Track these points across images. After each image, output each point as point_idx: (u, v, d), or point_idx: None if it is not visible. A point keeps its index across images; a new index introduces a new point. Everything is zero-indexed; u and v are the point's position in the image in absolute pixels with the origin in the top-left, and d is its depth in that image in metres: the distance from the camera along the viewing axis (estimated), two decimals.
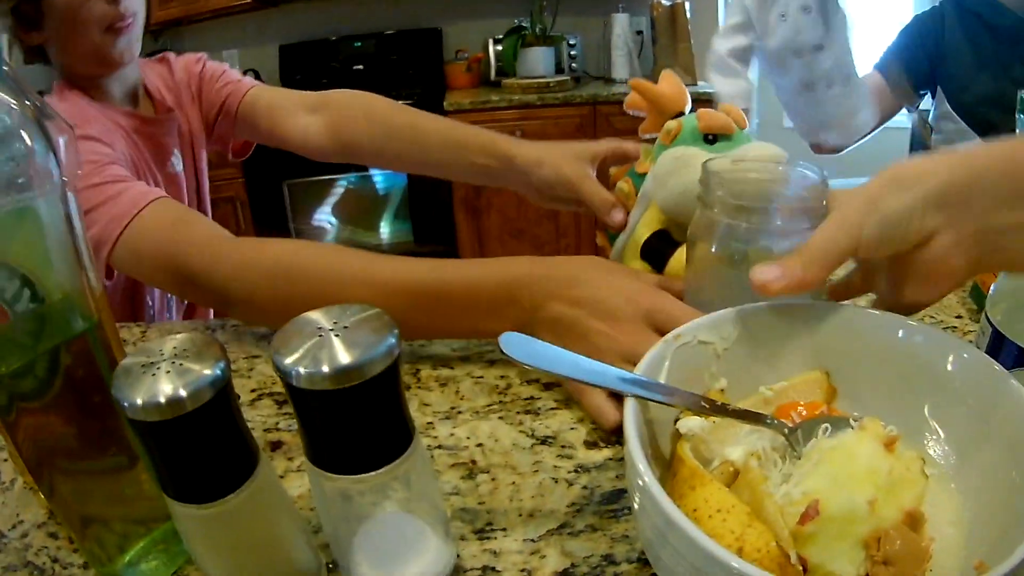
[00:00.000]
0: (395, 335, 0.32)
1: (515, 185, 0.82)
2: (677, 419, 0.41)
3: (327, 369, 0.30)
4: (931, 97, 1.25)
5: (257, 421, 0.56)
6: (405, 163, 0.97)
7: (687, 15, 2.70)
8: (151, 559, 0.42)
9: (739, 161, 0.53)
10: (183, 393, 0.30)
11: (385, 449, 0.34)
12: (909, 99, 1.26)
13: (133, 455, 0.40)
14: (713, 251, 0.50)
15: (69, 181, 0.35)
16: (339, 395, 0.30)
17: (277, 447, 0.54)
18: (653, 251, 0.64)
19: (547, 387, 0.59)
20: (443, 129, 0.88)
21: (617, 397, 0.49)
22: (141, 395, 0.30)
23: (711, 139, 0.61)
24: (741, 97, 1.06)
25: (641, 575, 0.40)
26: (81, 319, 0.37)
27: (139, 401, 0.30)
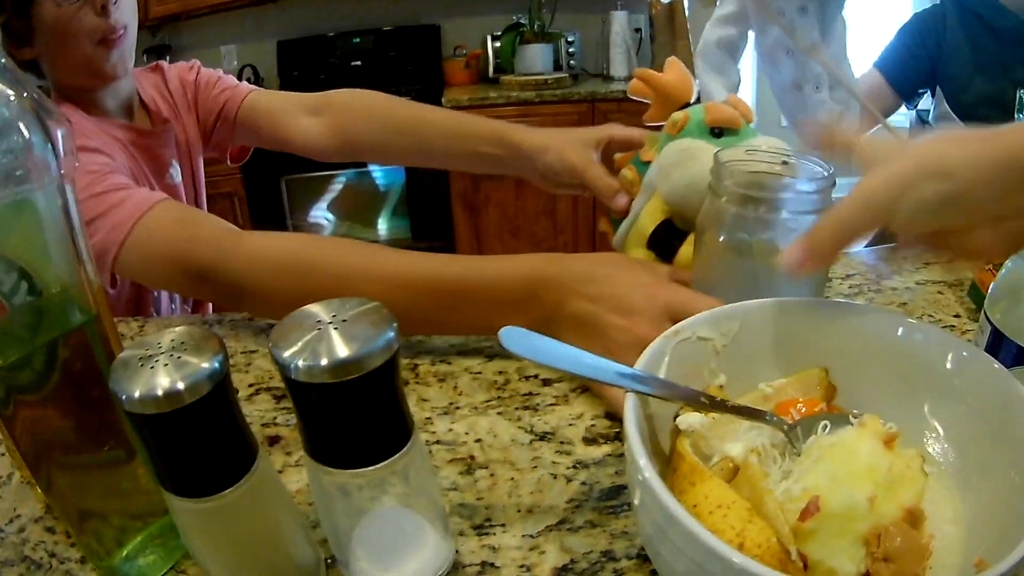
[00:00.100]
0: (394, 328, 0.32)
1: (521, 172, 0.83)
2: (677, 415, 0.41)
3: (326, 362, 0.29)
4: (930, 96, 1.25)
5: (255, 416, 0.56)
6: (411, 157, 0.97)
7: (685, 13, 2.69)
8: (148, 554, 0.42)
9: (750, 152, 0.53)
10: (181, 386, 0.30)
11: (384, 443, 0.34)
12: (908, 97, 1.26)
13: (131, 449, 0.40)
14: (721, 240, 0.50)
15: (67, 174, 0.35)
16: (338, 388, 0.30)
17: (275, 442, 0.53)
18: (660, 241, 0.64)
19: (546, 383, 0.59)
20: (447, 120, 0.88)
21: None
22: (139, 388, 0.29)
23: (717, 132, 0.61)
24: (725, 90, 1.06)
25: (640, 571, 0.40)
26: (79, 312, 0.37)
27: (136, 394, 0.29)
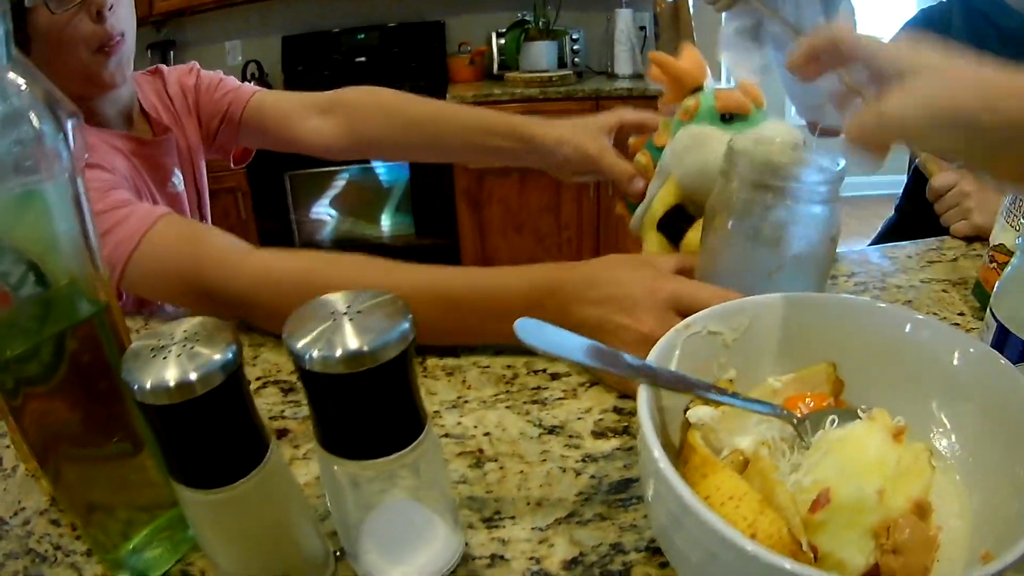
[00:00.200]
0: (409, 320, 0.32)
1: (536, 164, 0.83)
2: (687, 408, 0.41)
3: (340, 353, 0.29)
4: None
5: (262, 409, 0.56)
6: (424, 153, 0.97)
7: (690, 11, 2.68)
8: (155, 547, 0.42)
9: (764, 140, 0.53)
10: (193, 376, 0.29)
11: (396, 435, 0.34)
12: None
13: (138, 441, 0.40)
14: (730, 225, 0.51)
15: (77, 164, 0.35)
16: (351, 379, 0.30)
17: (283, 435, 0.53)
18: (669, 225, 0.65)
19: (554, 377, 0.59)
20: (460, 116, 0.88)
21: None
22: (150, 378, 0.29)
23: (728, 118, 0.62)
24: (754, 72, 1.05)
25: (650, 564, 0.40)
26: (88, 303, 0.37)
27: (148, 384, 0.29)
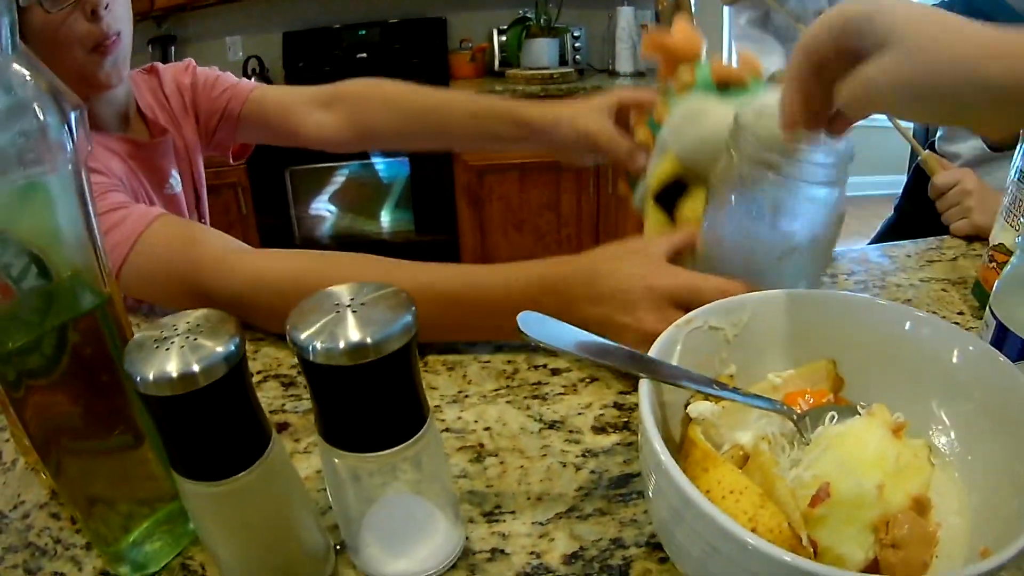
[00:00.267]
0: (412, 313, 0.32)
1: (537, 147, 0.84)
2: (687, 403, 0.41)
3: (343, 345, 0.30)
4: None
5: (262, 403, 0.56)
6: (427, 142, 0.97)
7: (692, 9, 2.68)
8: (155, 540, 0.42)
9: (765, 115, 0.53)
10: (196, 368, 0.29)
11: (398, 428, 0.34)
12: None
13: (139, 434, 0.40)
14: (733, 200, 0.50)
15: (81, 156, 0.35)
16: (354, 371, 0.30)
17: (283, 429, 0.53)
18: (667, 198, 0.64)
19: (554, 372, 0.59)
20: (462, 104, 0.88)
21: None
22: (153, 369, 0.29)
23: (725, 89, 0.60)
24: (772, 60, 1.04)
25: (649, 559, 0.40)
26: (90, 295, 0.37)
27: (151, 375, 0.29)
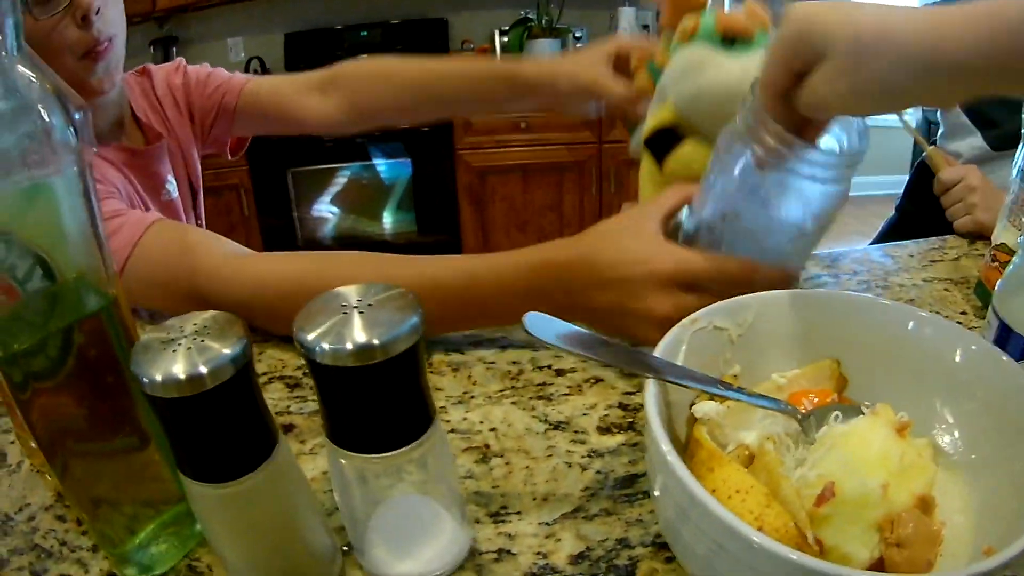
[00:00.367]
0: (419, 314, 0.32)
1: (538, 104, 0.84)
2: (693, 403, 0.41)
3: (351, 346, 0.30)
4: None
5: (268, 405, 0.56)
6: (428, 113, 0.99)
7: None
8: (161, 542, 0.42)
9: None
10: (203, 370, 0.29)
11: (404, 429, 0.34)
12: None
13: (144, 436, 0.40)
14: (736, 173, 0.48)
15: (86, 158, 0.35)
16: (361, 372, 0.30)
17: (288, 430, 0.53)
18: (657, 145, 0.62)
19: (559, 373, 0.59)
20: (458, 70, 0.89)
21: None
22: (160, 371, 0.29)
23: (729, 41, 0.57)
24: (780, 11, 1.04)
25: (656, 558, 0.40)
26: (96, 297, 0.37)
27: (158, 377, 0.29)
